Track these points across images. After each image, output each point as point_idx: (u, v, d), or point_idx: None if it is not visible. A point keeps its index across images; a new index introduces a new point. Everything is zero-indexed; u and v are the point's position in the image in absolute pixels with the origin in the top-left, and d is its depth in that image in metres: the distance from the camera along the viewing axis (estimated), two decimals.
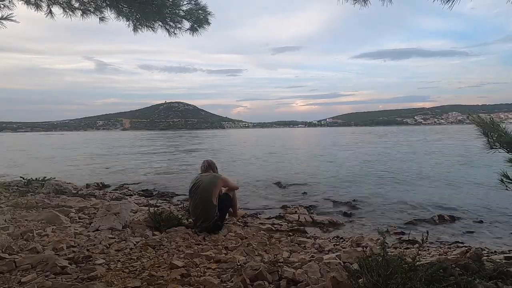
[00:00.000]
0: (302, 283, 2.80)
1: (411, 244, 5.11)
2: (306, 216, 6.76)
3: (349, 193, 9.76)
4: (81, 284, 2.78)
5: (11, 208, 6.03)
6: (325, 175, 13.57)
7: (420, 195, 9.35)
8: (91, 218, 5.60)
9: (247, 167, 17.09)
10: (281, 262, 3.42)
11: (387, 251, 2.42)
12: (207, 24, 4.84)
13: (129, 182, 12.63)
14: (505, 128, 2.69)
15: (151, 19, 4.69)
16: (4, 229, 4.34)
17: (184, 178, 13.75)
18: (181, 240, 4.42)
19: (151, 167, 18.08)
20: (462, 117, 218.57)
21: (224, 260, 3.54)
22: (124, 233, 4.71)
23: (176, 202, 8.90)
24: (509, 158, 2.67)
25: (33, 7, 4.59)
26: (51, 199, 7.24)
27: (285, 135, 79.97)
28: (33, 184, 9.31)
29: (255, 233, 5.13)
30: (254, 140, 54.84)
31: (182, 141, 52.61)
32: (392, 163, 17.75)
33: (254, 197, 9.55)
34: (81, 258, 3.47)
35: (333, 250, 4.48)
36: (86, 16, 4.81)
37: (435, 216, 6.91)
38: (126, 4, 4.57)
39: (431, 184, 11.22)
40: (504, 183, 2.74)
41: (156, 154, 27.08)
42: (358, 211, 7.69)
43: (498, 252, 4.66)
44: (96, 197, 8.25)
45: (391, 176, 13.20)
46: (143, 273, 3.12)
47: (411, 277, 2.14)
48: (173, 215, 5.46)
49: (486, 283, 2.63)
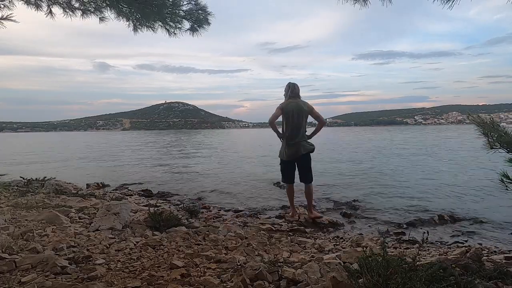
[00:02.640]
0: (302, 283, 2.80)
1: (411, 244, 5.12)
2: (306, 216, 6.76)
3: (349, 193, 9.76)
4: (81, 284, 2.78)
5: (11, 208, 6.03)
6: (325, 175, 13.57)
7: (420, 195, 9.35)
8: (91, 218, 5.60)
9: (247, 167, 17.09)
10: (281, 262, 3.42)
11: (387, 251, 2.42)
12: (207, 24, 4.85)
13: (129, 182, 12.64)
14: (505, 128, 2.69)
15: (151, 19, 4.69)
16: (4, 229, 4.34)
17: (184, 178, 13.76)
18: (181, 240, 4.42)
19: (151, 167, 18.09)
20: (462, 117, 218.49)
21: (224, 260, 3.54)
22: (124, 233, 4.72)
23: (176, 202, 8.90)
24: (509, 158, 2.67)
25: (33, 7, 4.59)
26: (51, 199, 7.24)
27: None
28: (33, 184, 9.32)
29: (255, 233, 5.13)
30: (253, 139, 54.86)
31: (181, 143, 52.60)
32: (391, 163, 17.74)
33: (254, 197, 9.55)
34: (81, 258, 3.47)
35: (333, 250, 4.48)
36: (86, 16, 4.81)
37: (435, 216, 6.91)
38: (126, 4, 4.57)
39: (431, 184, 11.22)
40: (504, 183, 2.74)
41: (156, 154, 27.10)
42: (358, 211, 7.68)
43: (498, 252, 4.67)
44: (96, 197, 8.25)
45: (391, 176, 13.20)
46: (143, 273, 3.12)
47: (411, 277, 2.14)
48: (173, 215, 5.46)
49: (486, 283, 2.63)
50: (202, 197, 9.74)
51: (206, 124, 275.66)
